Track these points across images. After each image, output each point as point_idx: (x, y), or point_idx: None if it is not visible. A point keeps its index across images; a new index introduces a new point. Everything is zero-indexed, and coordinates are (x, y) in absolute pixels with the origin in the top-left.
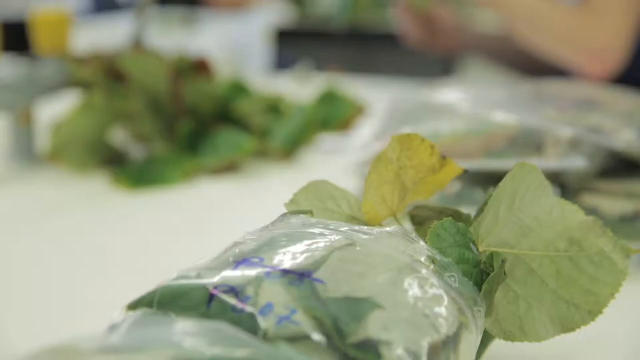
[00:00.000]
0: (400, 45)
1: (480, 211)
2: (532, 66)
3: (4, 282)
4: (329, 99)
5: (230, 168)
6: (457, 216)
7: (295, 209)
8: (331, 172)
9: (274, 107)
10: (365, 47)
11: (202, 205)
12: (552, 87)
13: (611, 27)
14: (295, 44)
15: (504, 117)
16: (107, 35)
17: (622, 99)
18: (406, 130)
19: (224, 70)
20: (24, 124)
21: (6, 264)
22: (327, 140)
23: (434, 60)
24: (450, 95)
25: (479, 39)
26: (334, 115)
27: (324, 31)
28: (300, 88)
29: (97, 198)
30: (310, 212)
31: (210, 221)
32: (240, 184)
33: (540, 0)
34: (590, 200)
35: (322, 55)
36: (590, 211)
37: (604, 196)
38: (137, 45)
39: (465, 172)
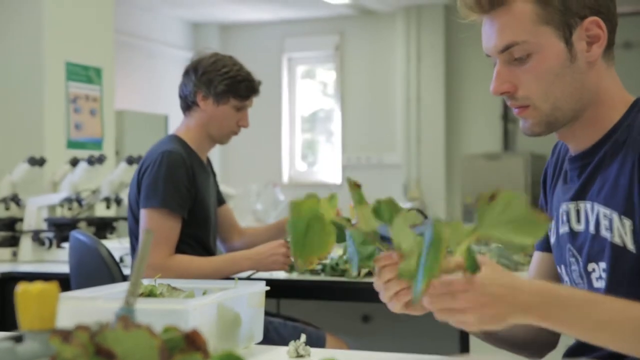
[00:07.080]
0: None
1: None
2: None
3: None
4: None
5: None
6: None
7: None
8: None
9: None
10: (371, 309)
11: None
12: None
13: None
14: (292, 299)
15: None
16: (94, 309)
17: None
18: None
19: (215, 343)
20: None
21: None
22: None
23: (447, 333)
24: None
25: None
26: None
27: (324, 285)
28: None
29: None
30: None
31: None
32: None
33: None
34: None
35: (323, 313)
36: None
37: None
38: (125, 320)
39: None
